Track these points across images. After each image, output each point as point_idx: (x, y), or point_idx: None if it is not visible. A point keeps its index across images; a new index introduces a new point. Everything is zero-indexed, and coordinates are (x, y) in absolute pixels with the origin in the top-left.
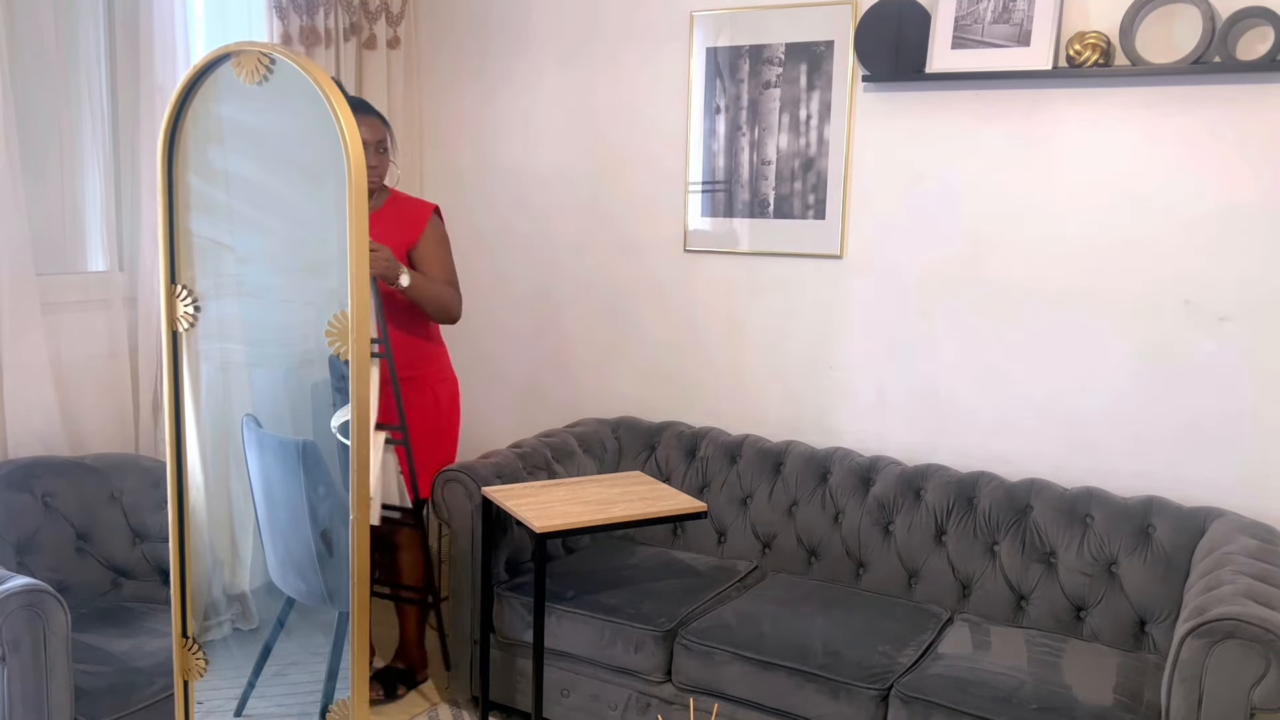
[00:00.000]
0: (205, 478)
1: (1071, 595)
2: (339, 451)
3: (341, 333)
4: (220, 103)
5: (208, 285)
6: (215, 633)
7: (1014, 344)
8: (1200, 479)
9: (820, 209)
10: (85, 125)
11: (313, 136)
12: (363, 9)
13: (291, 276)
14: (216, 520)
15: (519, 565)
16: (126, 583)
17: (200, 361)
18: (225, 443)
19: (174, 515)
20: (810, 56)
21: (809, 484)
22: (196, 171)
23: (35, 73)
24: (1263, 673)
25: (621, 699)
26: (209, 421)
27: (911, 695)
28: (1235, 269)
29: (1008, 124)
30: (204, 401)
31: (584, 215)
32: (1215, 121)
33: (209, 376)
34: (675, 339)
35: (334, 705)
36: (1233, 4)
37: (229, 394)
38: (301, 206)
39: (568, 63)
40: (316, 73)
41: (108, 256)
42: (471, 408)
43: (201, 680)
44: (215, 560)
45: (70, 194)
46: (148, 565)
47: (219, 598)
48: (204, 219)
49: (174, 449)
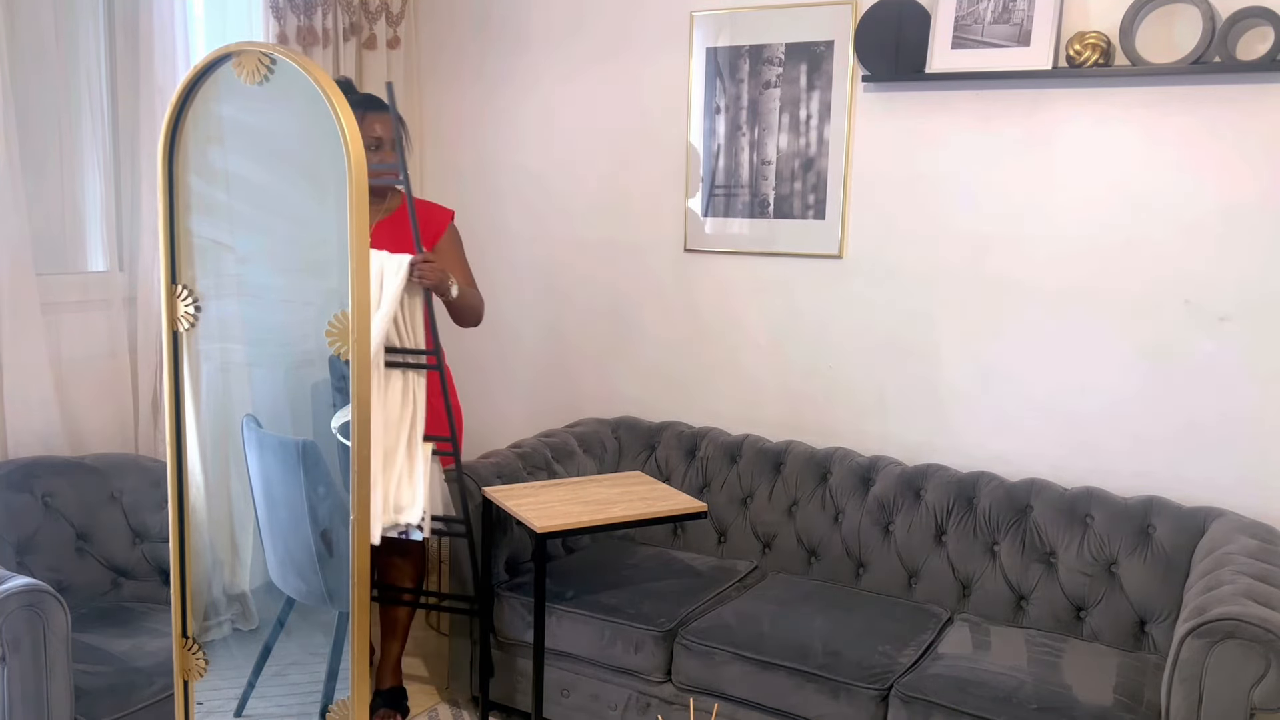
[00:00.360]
0: (205, 478)
1: (1071, 595)
2: (339, 452)
3: (341, 333)
4: (220, 103)
5: (208, 285)
6: (215, 633)
7: (1014, 344)
8: (1200, 479)
9: (820, 209)
10: (85, 125)
11: (313, 136)
12: (363, 9)
13: (291, 276)
14: (216, 520)
15: (519, 565)
16: (126, 583)
17: (200, 361)
18: (225, 443)
19: (174, 515)
20: (810, 56)
21: (809, 484)
22: (197, 171)
23: (35, 73)
24: (1263, 673)
25: (621, 699)
26: (209, 421)
27: (911, 695)
28: (1235, 269)
29: (1008, 124)
30: (204, 401)
31: (584, 215)
32: (1215, 121)
33: (209, 376)
34: (675, 339)
35: (334, 705)
36: (1233, 4)
37: (229, 394)
38: (301, 206)
39: (568, 63)
40: (317, 72)
41: (108, 256)
42: (472, 407)
43: (201, 680)
44: (215, 560)
45: (70, 194)
46: (148, 565)
47: (219, 598)
48: (204, 219)
49: (174, 449)
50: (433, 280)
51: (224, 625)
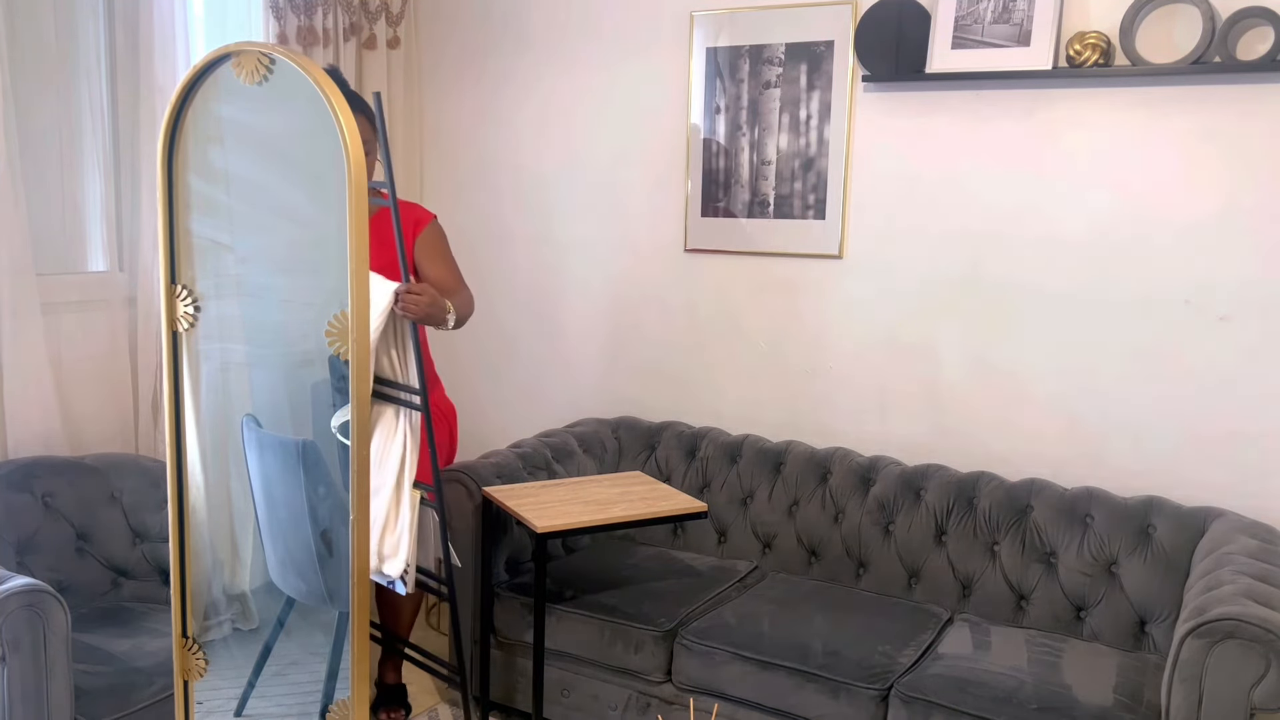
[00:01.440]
0: (205, 478)
1: (1071, 595)
2: (339, 451)
3: (341, 333)
4: (220, 103)
5: (208, 285)
6: (215, 633)
7: (1014, 344)
8: (1200, 479)
9: (820, 209)
10: (85, 125)
11: (313, 136)
12: (363, 9)
13: (291, 276)
14: (216, 520)
15: (519, 565)
16: (126, 583)
17: (200, 361)
18: (225, 443)
19: (174, 515)
20: (810, 56)
21: (809, 484)
22: (196, 172)
23: (35, 73)
24: (1263, 673)
25: (621, 699)
26: (209, 421)
27: (911, 695)
28: (1235, 269)
29: (1008, 124)
30: (204, 401)
31: (584, 215)
32: (1215, 122)
33: (209, 376)
34: (675, 339)
35: (334, 705)
36: (1233, 4)
37: (229, 394)
38: (301, 206)
39: (568, 63)
40: (316, 73)
41: (108, 256)
42: (472, 408)
43: (201, 680)
44: (215, 560)
45: (70, 194)
46: (148, 565)
47: (219, 598)
48: (204, 219)
49: (174, 449)
50: (418, 313)
51: (224, 625)
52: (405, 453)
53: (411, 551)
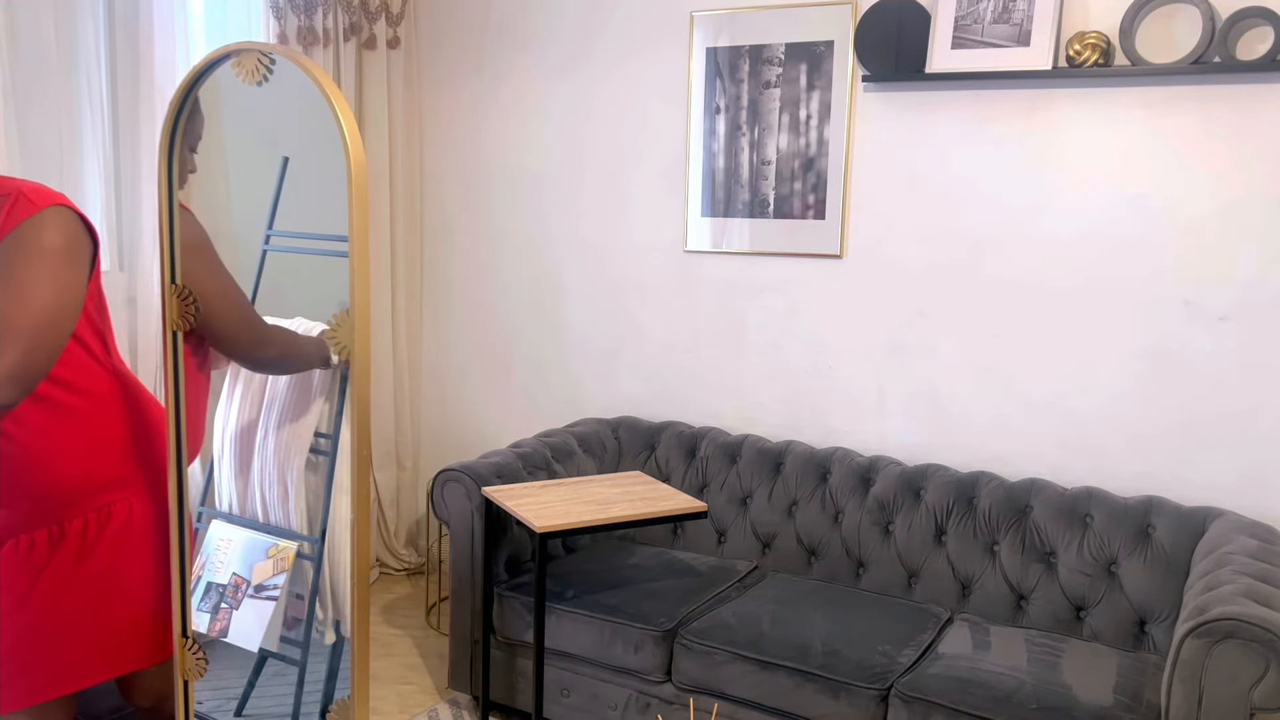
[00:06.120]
0: (205, 478)
1: (1071, 595)
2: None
3: (341, 332)
4: (221, 103)
5: None
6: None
7: (1014, 344)
8: (1200, 479)
9: (820, 209)
10: (85, 125)
11: (312, 136)
12: (362, 9)
13: (291, 276)
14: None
15: (519, 565)
16: None
17: None
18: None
19: (174, 515)
20: (810, 56)
21: (809, 484)
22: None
23: (35, 73)
24: (1263, 673)
25: (621, 699)
26: (209, 421)
27: (911, 695)
28: (1235, 269)
29: (1008, 124)
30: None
31: (584, 215)
32: (1215, 121)
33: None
34: (675, 339)
35: (334, 705)
36: (1233, 4)
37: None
38: (301, 206)
39: (567, 63)
40: (317, 72)
41: (108, 256)
42: (472, 408)
43: (201, 680)
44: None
45: (70, 194)
46: None
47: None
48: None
49: (174, 449)
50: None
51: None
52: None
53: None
